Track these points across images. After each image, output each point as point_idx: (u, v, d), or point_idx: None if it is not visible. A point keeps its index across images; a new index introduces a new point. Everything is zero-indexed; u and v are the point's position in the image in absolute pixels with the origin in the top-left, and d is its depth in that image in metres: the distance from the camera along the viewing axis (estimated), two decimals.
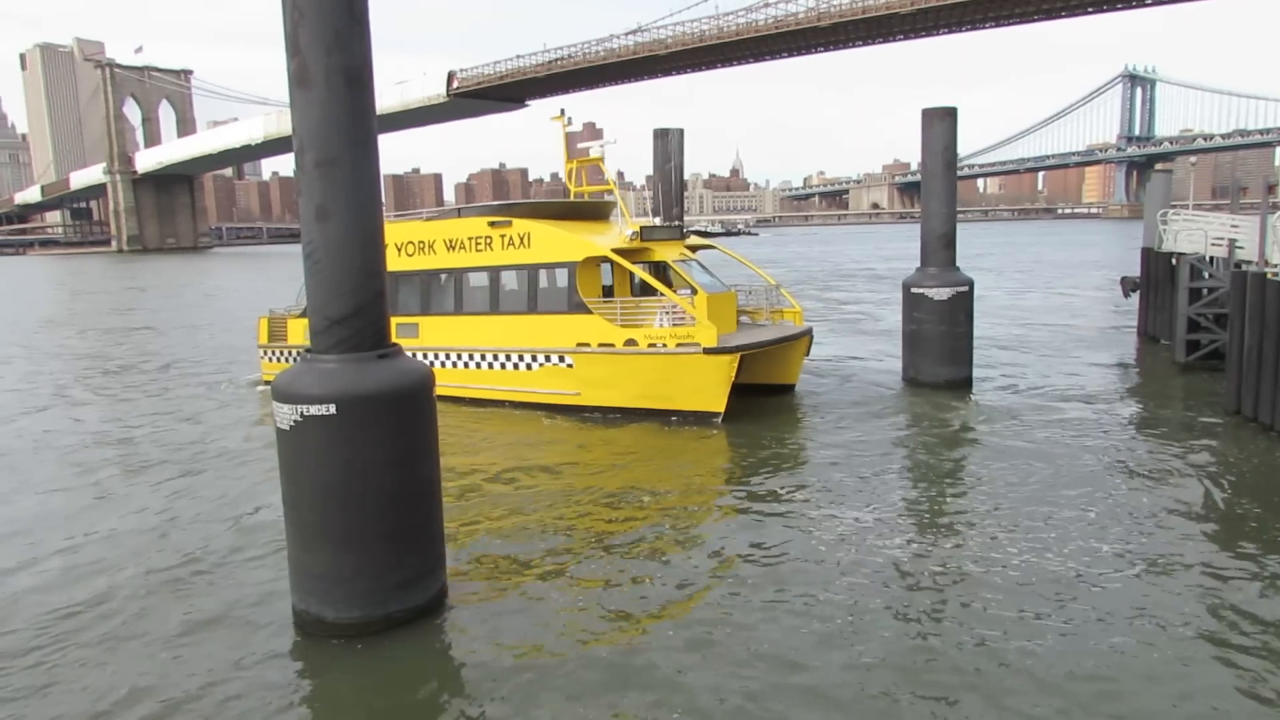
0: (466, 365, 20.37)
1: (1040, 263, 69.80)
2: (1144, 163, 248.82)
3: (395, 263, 20.63)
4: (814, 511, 12.44)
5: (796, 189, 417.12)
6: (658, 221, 21.54)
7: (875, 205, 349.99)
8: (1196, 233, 23.58)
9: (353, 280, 8.66)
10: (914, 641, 8.60)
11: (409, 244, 21.07)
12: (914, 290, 20.82)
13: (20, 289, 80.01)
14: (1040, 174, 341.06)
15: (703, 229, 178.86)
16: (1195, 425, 16.77)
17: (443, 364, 20.47)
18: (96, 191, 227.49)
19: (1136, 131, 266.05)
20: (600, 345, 18.17)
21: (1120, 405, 18.84)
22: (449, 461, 13.42)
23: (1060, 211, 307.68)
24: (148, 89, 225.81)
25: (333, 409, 8.43)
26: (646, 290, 19.11)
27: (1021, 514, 12.01)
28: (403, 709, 7.84)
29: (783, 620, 9.11)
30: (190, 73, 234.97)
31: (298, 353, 22.46)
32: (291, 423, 8.58)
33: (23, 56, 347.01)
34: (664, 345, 17.45)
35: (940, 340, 20.53)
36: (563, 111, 21.74)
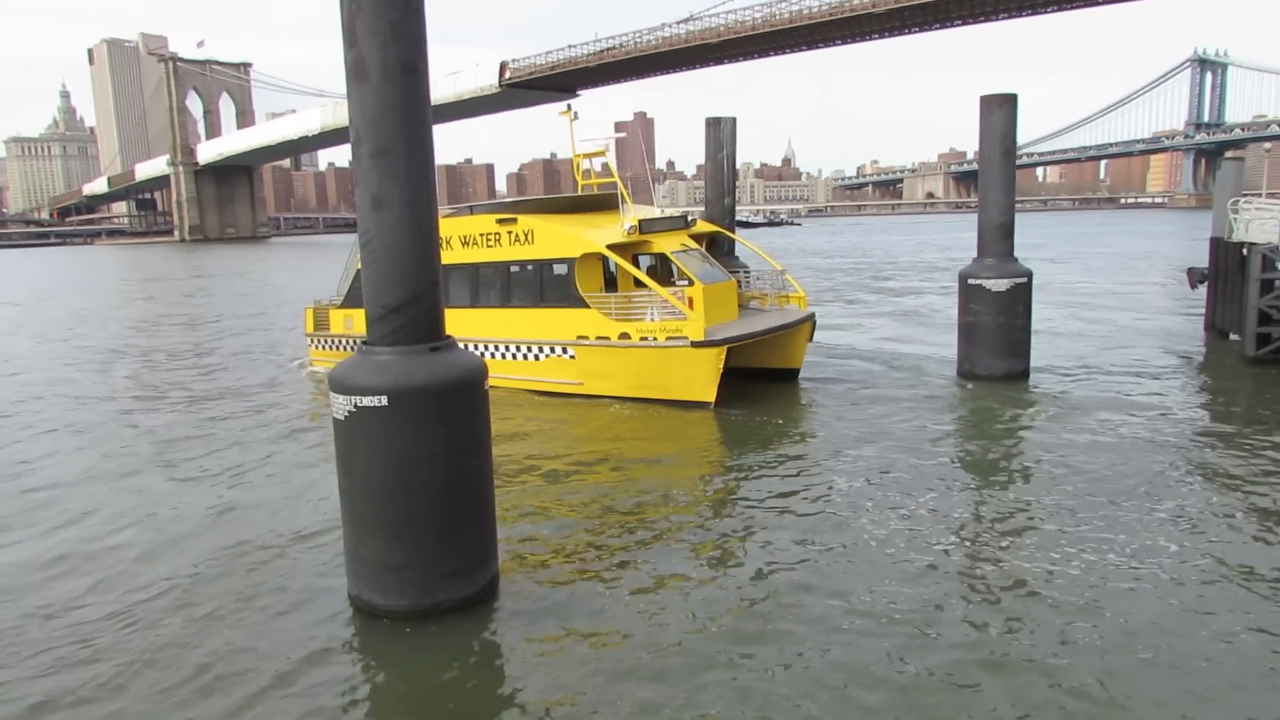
0: (482, 355, 20.71)
1: (1102, 253, 67.84)
2: (1213, 150, 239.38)
3: None
4: (863, 503, 12.26)
5: (849, 178, 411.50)
6: (660, 212, 21.75)
7: (930, 195, 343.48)
8: (1270, 222, 22.68)
9: (407, 269, 8.76)
10: (962, 645, 8.42)
11: None
12: (971, 281, 20.40)
13: (93, 276, 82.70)
14: (1102, 163, 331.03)
15: (744, 219, 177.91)
16: (1265, 421, 16.14)
17: None
18: (160, 182, 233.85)
19: (1205, 118, 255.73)
20: (597, 338, 18.99)
21: (1186, 401, 18.24)
22: (496, 451, 13.51)
23: (1123, 201, 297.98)
24: (209, 82, 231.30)
25: (385, 400, 8.54)
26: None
27: (1080, 513, 11.68)
28: (436, 694, 7.93)
29: (830, 616, 9.00)
30: (249, 66, 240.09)
31: (348, 341, 23.69)
32: (346, 413, 8.73)
33: (90, 52, 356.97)
34: (654, 339, 18.15)
35: (997, 332, 20.10)
36: (570, 106, 22.23)
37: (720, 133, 25.24)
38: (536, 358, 20.16)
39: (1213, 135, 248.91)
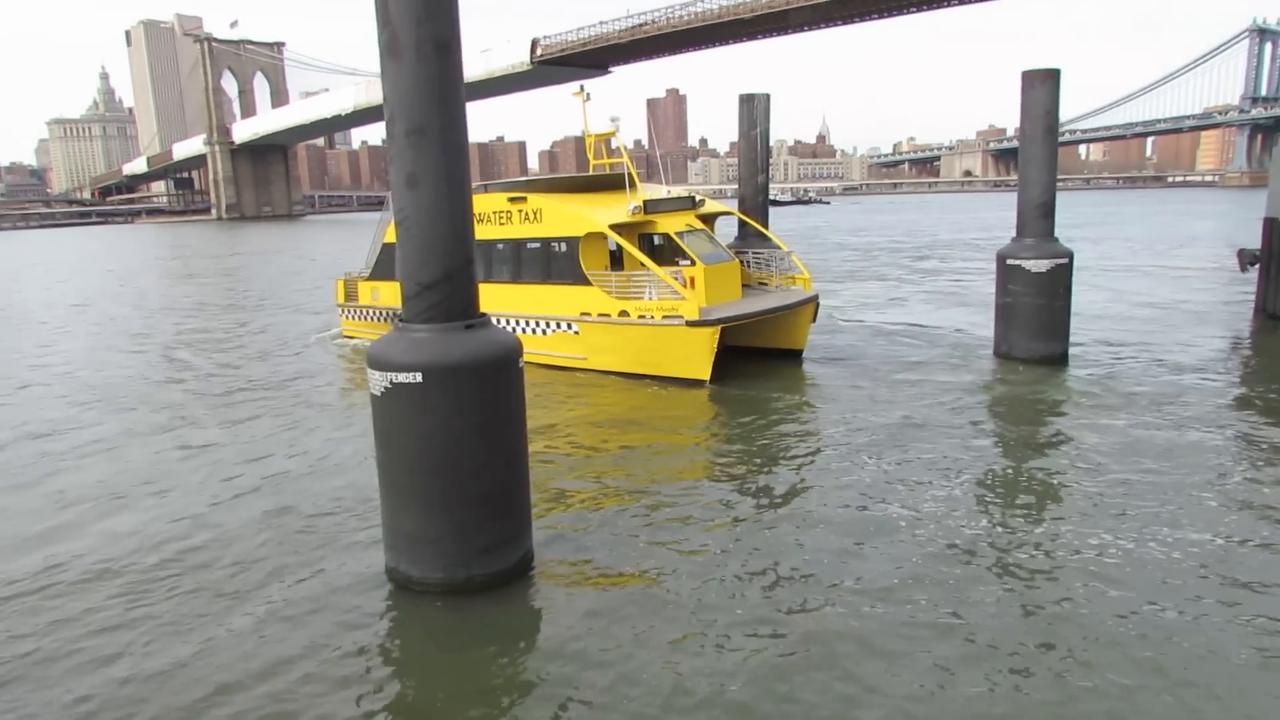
0: None
1: (1148, 233, 66.33)
2: (1270, 126, 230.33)
3: None
4: (894, 484, 12.15)
5: (885, 156, 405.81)
6: (667, 192, 21.87)
7: (968, 173, 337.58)
8: None
9: (442, 246, 8.81)
10: (994, 632, 8.34)
11: None
12: (1009, 261, 20.01)
13: (136, 253, 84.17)
14: (1149, 140, 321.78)
15: (773, 198, 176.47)
16: None
17: None
18: (197, 162, 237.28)
19: (1264, 92, 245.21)
20: (599, 315, 19.53)
21: (1233, 387, 17.80)
22: (532, 427, 13.57)
23: (1171, 180, 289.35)
24: (243, 62, 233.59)
25: (419, 377, 8.63)
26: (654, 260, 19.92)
27: (1119, 502, 11.46)
28: (466, 667, 8.01)
29: (865, 597, 8.96)
30: (283, 45, 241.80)
31: (375, 312, 24.53)
32: (382, 389, 8.85)
33: (128, 33, 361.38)
34: (652, 317, 18.60)
35: (1036, 314, 19.72)
36: (582, 87, 22.54)
37: (754, 109, 24.92)
38: (544, 332, 20.76)
39: (1270, 110, 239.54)
